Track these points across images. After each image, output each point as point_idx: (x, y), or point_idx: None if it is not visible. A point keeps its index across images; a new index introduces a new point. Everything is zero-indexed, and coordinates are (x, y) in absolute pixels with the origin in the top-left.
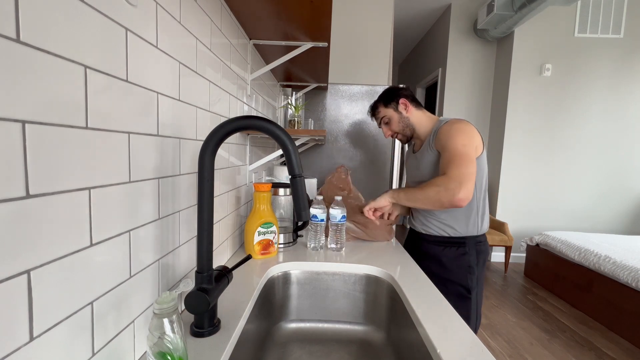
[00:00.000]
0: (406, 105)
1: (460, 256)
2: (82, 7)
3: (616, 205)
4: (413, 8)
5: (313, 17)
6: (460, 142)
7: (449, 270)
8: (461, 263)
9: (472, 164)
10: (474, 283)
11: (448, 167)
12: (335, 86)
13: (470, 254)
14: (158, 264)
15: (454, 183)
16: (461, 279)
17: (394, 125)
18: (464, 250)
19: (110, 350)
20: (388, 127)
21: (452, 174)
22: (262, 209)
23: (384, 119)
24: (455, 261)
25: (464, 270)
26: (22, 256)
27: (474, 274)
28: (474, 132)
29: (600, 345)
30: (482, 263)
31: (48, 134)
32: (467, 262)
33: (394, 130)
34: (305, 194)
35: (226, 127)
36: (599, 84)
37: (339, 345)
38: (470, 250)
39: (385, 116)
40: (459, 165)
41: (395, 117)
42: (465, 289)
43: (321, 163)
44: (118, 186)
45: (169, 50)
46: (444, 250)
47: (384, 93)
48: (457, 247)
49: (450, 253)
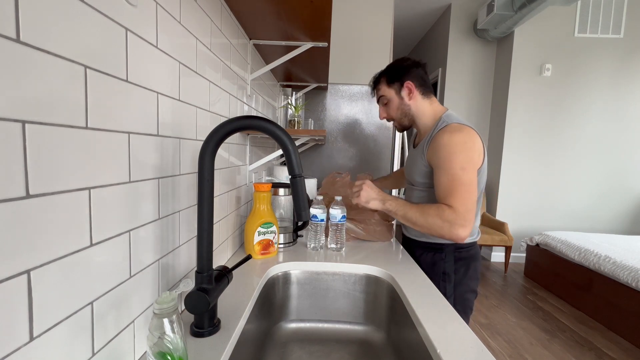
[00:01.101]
0: (410, 91)
1: (437, 262)
2: (82, 7)
3: (616, 205)
4: (413, 8)
5: (313, 17)
6: (458, 164)
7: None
8: (436, 269)
9: (475, 192)
10: (450, 291)
11: (452, 198)
12: (335, 86)
13: (446, 261)
14: (158, 264)
15: (461, 221)
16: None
17: (392, 111)
18: (441, 257)
19: (110, 350)
20: (385, 109)
21: (460, 210)
22: (262, 209)
23: (383, 99)
24: (432, 267)
25: (438, 277)
26: (22, 256)
27: (450, 281)
28: (474, 145)
29: (600, 345)
30: (464, 270)
31: (48, 134)
32: (441, 269)
33: (390, 116)
34: (305, 194)
35: (226, 127)
36: (599, 84)
37: (339, 345)
38: (447, 257)
39: (385, 96)
40: (465, 199)
41: (395, 101)
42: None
43: (321, 163)
44: (118, 186)
45: (169, 50)
46: (422, 254)
47: (391, 67)
48: (434, 253)
49: (427, 258)
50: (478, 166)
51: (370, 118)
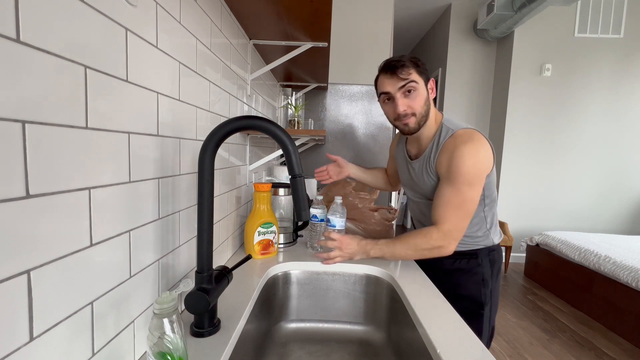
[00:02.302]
0: (432, 91)
1: (473, 268)
2: (82, 7)
3: (616, 205)
4: (413, 8)
5: (313, 17)
6: (466, 179)
7: (458, 284)
8: (474, 277)
9: (472, 213)
10: (488, 297)
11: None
12: (335, 86)
13: (483, 266)
14: (158, 264)
15: (449, 240)
16: (474, 294)
17: (418, 102)
18: (477, 262)
19: (110, 350)
20: (409, 99)
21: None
22: (262, 209)
23: (412, 84)
24: (468, 274)
25: (477, 284)
26: (22, 256)
27: (488, 287)
28: (485, 154)
29: (600, 345)
30: (496, 274)
31: (48, 134)
32: (480, 275)
33: (413, 109)
34: (305, 194)
35: (226, 127)
36: (599, 84)
37: (339, 345)
38: (483, 262)
39: (415, 82)
40: (461, 218)
41: (423, 93)
42: (476, 304)
43: (321, 163)
44: (118, 186)
45: (169, 50)
46: (455, 262)
47: (416, 59)
48: (468, 259)
49: (461, 265)
50: (487, 174)
51: (371, 118)
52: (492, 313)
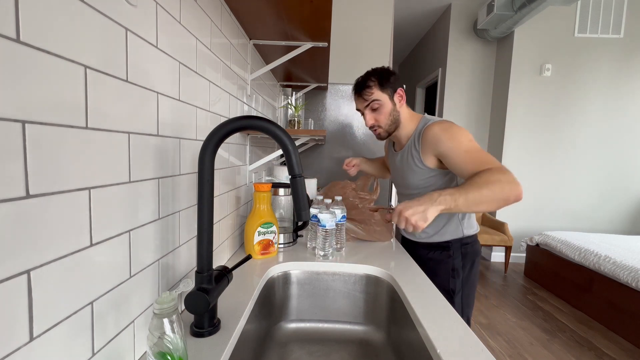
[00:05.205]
0: (402, 98)
1: (444, 259)
2: (82, 7)
3: (616, 205)
4: (413, 8)
5: (313, 17)
6: (464, 139)
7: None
8: (444, 266)
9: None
10: (459, 287)
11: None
12: (335, 86)
13: (454, 257)
14: (158, 264)
15: (510, 175)
16: (443, 282)
17: (383, 117)
18: (448, 254)
19: (110, 350)
20: (375, 114)
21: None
22: (262, 209)
23: (375, 103)
24: (439, 264)
25: (447, 274)
26: (22, 256)
27: (459, 277)
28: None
29: (600, 345)
30: (470, 265)
31: (48, 134)
32: (450, 265)
33: (379, 122)
34: (305, 194)
35: (226, 127)
36: (599, 84)
37: (339, 345)
38: (454, 254)
39: (378, 100)
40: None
41: (388, 107)
42: (446, 293)
43: (321, 163)
44: (118, 186)
45: (169, 50)
46: (428, 254)
47: (381, 71)
48: (440, 251)
49: (434, 256)
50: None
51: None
52: (465, 304)
